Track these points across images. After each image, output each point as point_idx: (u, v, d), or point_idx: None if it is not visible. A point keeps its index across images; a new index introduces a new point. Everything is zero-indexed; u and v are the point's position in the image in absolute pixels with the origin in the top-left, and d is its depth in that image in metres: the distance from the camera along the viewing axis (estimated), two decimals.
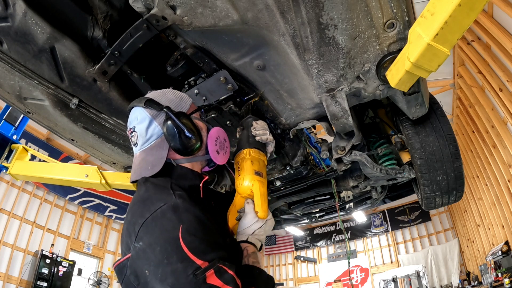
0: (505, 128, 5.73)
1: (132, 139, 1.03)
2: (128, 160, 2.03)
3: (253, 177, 1.15)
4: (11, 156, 2.74)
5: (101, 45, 1.38)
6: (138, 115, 1.02)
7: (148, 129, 1.00)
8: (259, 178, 1.17)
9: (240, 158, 1.22)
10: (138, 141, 1.01)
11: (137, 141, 1.01)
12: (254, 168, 1.18)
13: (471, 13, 0.84)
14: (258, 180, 1.16)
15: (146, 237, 0.77)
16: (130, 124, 1.04)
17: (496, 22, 4.65)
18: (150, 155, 1.00)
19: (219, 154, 1.11)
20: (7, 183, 7.18)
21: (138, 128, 1.01)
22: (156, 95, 1.08)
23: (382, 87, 1.33)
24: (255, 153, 1.23)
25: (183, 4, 1.09)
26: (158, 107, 1.00)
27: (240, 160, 1.22)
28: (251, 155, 1.22)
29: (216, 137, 1.11)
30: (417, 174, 1.71)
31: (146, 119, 1.01)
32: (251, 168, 1.17)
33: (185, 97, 1.13)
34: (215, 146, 1.09)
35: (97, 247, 8.92)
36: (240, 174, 1.17)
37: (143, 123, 1.00)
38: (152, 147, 1.00)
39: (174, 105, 1.05)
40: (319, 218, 2.75)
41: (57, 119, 1.67)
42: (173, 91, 1.12)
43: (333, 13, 1.05)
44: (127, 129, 1.07)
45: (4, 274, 6.70)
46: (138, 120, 1.01)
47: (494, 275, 6.92)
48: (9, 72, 1.43)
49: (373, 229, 11.85)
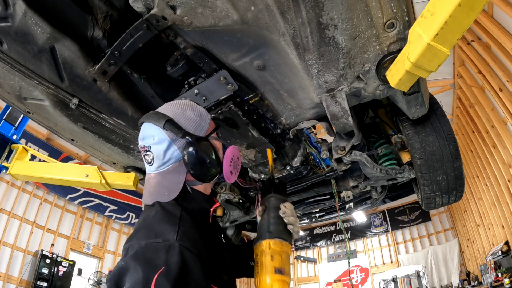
0: (505, 128, 5.73)
1: (146, 157, 0.96)
2: (128, 160, 2.03)
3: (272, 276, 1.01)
4: (11, 156, 2.74)
5: (101, 45, 1.38)
6: (155, 135, 0.94)
7: (166, 152, 0.94)
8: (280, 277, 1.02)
9: (259, 250, 1.07)
10: (154, 162, 0.95)
11: (152, 161, 0.95)
12: (274, 264, 1.03)
13: (471, 13, 0.84)
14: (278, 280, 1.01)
15: (130, 260, 0.76)
16: (144, 141, 0.96)
17: (496, 22, 4.65)
18: (166, 180, 0.95)
19: (232, 174, 1.06)
20: (7, 183, 7.18)
21: (155, 148, 0.94)
22: (175, 112, 0.99)
23: (382, 87, 1.33)
24: (276, 245, 1.07)
25: (183, 4, 1.09)
26: (180, 133, 0.93)
27: (260, 253, 1.07)
28: (271, 248, 1.06)
29: (231, 157, 1.05)
30: (417, 174, 1.71)
31: (165, 142, 0.94)
32: (271, 265, 1.03)
33: (204, 113, 1.05)
34: (230, 167, 1.04)
35: (97, 247, 8.91)
36: (259, 271, 1.04)
37: (161, 145, 0.94)
38: (169, 170, 0.95)
39: (194, 125, 0.99)
40: (319, 218, 2.75)
41: (57, 119, 1.67)
42: (191, 106, 1.03)
43: (333, 13, 1.05)
44: (140, 145, 0.99)
45: (4, 274, 6.70)
46: (155, 140, 0.94)
47: (494, 275, 6.92)
48: (9, 72, 1.43)
49: (373, 229, 11.85)
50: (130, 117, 1.65)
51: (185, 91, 1.51)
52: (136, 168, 2.13)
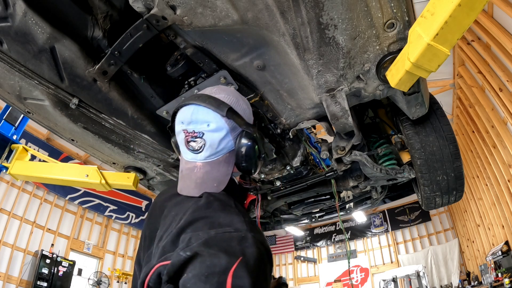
0: (505, 128, 5.73)
1: (193, 144, 0.87)
2: (128, 160, 2.03)
3: None
4: (11, 156, 2.74)
5: (101, 45, 1.38)
6: (212, 122, 0.87)
7: (221, 141, 0.87)
8: None
9: None
10: (204, 150, 0.87)
11: (201, 149, 0.87)
12: None
13: (471, 13, 0.84)
14: None
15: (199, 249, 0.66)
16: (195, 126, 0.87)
17: (496, 22, 4.65)
18: (216, 170, 0.88)
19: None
20: (7, 183, 7.18)
21: (210, 136, 0.86)
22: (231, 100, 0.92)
23: (382, 87, 1.33)
24: None
25: (183, 4, 1.09)
26: (242, 123, 0.88)
27: None
28: None
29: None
30: (417, 174, 1.71)
31: (223, 130, 0.87)
32: None
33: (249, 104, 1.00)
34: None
35: (97, 247, 8.92)
36: None
37: (217, 133, 0.87)
38: (220, 161, 0.89)
39: (247, 116, 0.94)
40: (319, 218, 2.76)
41: (57, 119, 1.67)
42: (241, 96, 0.98)
43: (333, 13, 1.05)
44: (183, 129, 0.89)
45: (4, 274, 6.70)
46: (211, 127, 0.86)
47: (494, 275, 6.92)
48: (9, 72, 1.43)
49: (373, 229, 11.84)
50: (130, 117, 1.65)
51: (185, 91, 1.51)
52: (136, 168, 2.13)
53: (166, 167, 2.05)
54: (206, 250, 0.65)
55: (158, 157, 1.94)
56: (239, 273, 0.62)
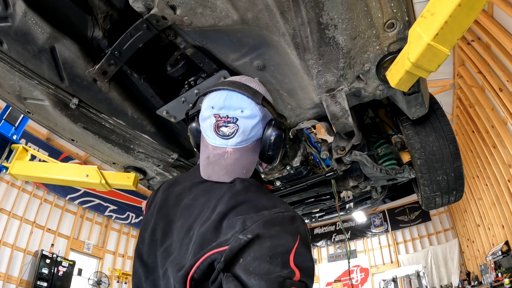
0: (505, 128, 5.73)
1: (224, 129, 0.87)
2: (128, 160, 2.03)
3: None
4: (11, 156, 2.74)
5: (101, 45, 1.38)
6: (247, 108, 0.88)
7: (253, 128, 0.88)
8: None
9: None
10: (236, 136, 0.87)
11: (233, 134, 0.87)
12: None
13: (471, 13, 0.84)
14: None
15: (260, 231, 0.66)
16: (229, 111, 0.87)
17: (496, 22, 4.65)
18: (245, 157, 0.89)
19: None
20: (7, 183, 7.18)
21: (243, 122, 0.87)
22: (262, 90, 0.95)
23: (382, 87, 1.33)
24: None
25: (183, 4, 1.09)
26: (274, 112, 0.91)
27: None
28: None
29: None
30: (417, 174, 1.71)
31: (256, 118, 0.88)
32: None
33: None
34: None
35: (97, 247, 8.92)
36: None
37: (251, 120, 0.88)
38: (249, 148, 0.90)
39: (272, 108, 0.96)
40: (319, 218, 2.76)
41: (57, 119, 1.67)
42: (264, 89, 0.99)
43: (333, 13, 1.05)
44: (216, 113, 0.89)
45: (4, 274, 6.70)
46: (245, 114, 0.87)
47: (494, 275, 6.93)
48: (9, 72, 1.43)
49: (373, 229, 11.84)
50: (130, 117, 1.65)
51: (185, 91, 1.51)
52: (136, 168, 2.13)
53: (166, 167, 2.05)
54: (267, 232, 0.66)
55: (158, 157, 1.94)
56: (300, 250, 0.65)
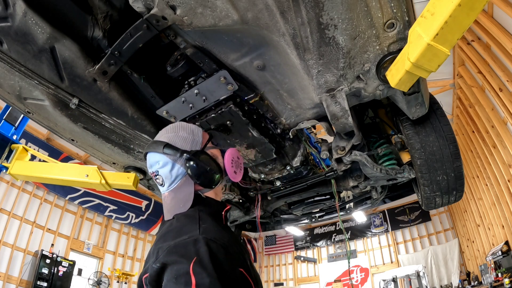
0: (505, 128, 5.72)
1: (157, 181, 1.10)
2: (128, 160, 2.03)
3: None
4: (11, 156, 2.74)
5: (101, 45, 1.38)
6: (160, 160, 1.07)
7: (172, 172, 1.06)
8: None
9: None
10: (165, 183, 1.08)
11: (163, 182, 1.08)
12: None
13: (471, 13, 0.84)
14: None
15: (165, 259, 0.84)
16: (152, 168, 1.10)
17: (496, 22, 4.64)
18: (179, 193, 1.07)
19: (236, 173, 1.17)
20: (7, 183, 7.17)
21: (162, 171, 1.07)
22: (170, 136, 1.12)
23: (382, 87, 1.33)
24: None
25: (183, 4, 1.09)
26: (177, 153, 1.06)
27: None
28: None
29: (231, 159, 1.15)
30: (417, 174, 1.71)
31: (168, 164, 1.06)
32: None
33: (195, 129, 1.17)
34: (232, 168, 1.15)
35: (97, 247, 8.91)
36: None
37: (166, 167, 1.07)
38: (180, 186, 1.07)
39: (189, 142, 1.11)
40: (319, 218, 2.75)
41: (57, 119, 1.67)
42: (182, 127, 1.15)
43: (333, 13, 1.05)
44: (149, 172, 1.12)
45: (4, 274, 6.70)
46: (160, 164, 1.07)
47: (494, 275, 6.92)
48: (9, 72, 1.43)
49: (373, 229, 11.84)
50: (130, 117, 1.65)
51: (185, 91, 1.51)
52: (136, 168, 2.13)
53: None
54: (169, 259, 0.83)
55: None
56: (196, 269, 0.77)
